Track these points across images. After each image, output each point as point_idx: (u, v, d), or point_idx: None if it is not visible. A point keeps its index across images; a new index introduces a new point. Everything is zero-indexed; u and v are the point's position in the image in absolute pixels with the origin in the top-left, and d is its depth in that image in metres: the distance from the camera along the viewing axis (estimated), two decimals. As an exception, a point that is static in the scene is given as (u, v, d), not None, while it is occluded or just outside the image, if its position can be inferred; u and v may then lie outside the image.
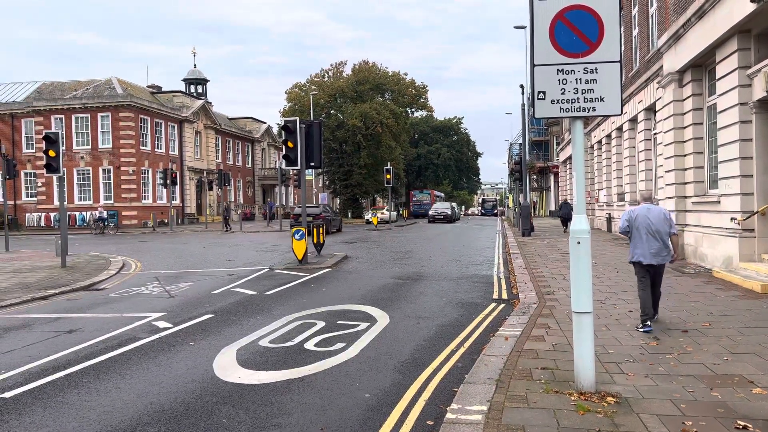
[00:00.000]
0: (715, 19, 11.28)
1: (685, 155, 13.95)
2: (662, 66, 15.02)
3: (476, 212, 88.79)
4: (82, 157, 42.04)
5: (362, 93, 53.24)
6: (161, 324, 8.55)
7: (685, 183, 14.01)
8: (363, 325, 8.10)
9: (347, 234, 30.56)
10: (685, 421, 4.27)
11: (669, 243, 7.36)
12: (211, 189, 47.14)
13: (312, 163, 16.29)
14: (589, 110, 5.03)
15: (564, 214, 28.35)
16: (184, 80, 58.09)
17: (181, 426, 4.73)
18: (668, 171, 14.77)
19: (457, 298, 10.31)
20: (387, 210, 45.24)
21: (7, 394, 5.57)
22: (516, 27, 31.55)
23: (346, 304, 9.86)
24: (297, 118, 16.16)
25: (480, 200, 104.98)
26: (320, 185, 61.53)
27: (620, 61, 5.02)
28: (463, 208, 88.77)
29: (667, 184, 15.00)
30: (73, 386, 5.79)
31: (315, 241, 17.45)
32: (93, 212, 39.18)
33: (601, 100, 5.00)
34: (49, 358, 6.83)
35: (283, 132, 16.04)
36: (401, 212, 60.39)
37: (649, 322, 7.13)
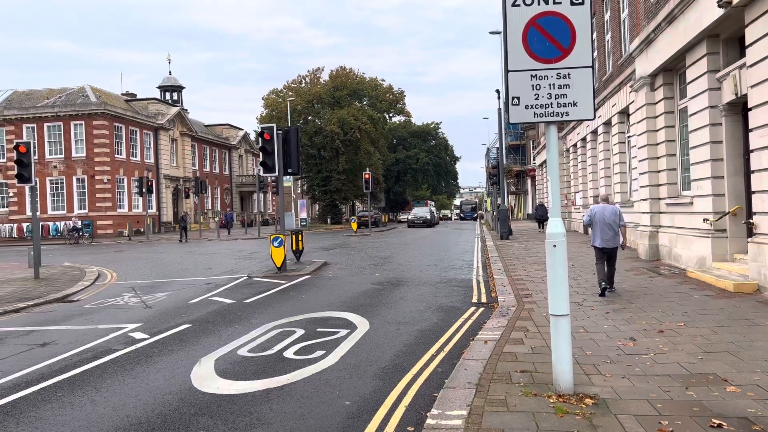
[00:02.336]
0: (685, 24, 11.52)
1: (658, 158, 14.19)
2: (634, 70, 15.28)
3: (449, 216, 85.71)
4: (55, 167, 41.31)
5: (340, 99, 53.28)
6: (138, 335, 8.42)
7: (659, 185, 14.25)
8: (343, 332, 8.07)
9: (326, 240, 30.49)
10: (662, 421, 4.33)
11: (619, 232, 9.92)
12: (188, 197, 46.70)
13: (290, 170, 16.23)
14: (562, 115, 5.09)
15: (539, 215, 30.28)
16: (160, 87, 57.46)
17: (158, 439, 4.65)
18: (642, 173, 15.01)
19: (437, 303, 10.33)
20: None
21: (-22, 411, 5.43)
22: (491, 32, 31.95)
23: (325, 311, 9.82)
24: (274, 125, 16.09)
25: (458, 202, 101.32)
26: (299, 191, 61.30)
27: (593, 67, 5.09)
28: (440, 212, 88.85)
29: (641, 186, 15.23)
30: (47, 401, 5.66)
31: (294, 247, 17.36)
32: (67, 222, 38.50)
33: (575, 105, 5.07)
34: (21, 372, 6.67)
35: (260, 139, 15.95)
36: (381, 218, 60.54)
37: (604, 285, 9.75)
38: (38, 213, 17.23)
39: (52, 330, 9.21)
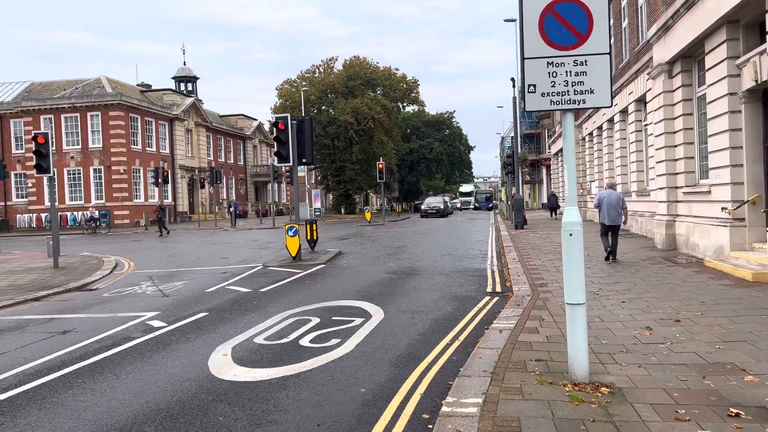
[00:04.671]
0: (703, 10, 11.33)
1: (675, 146, 14.02)
2: (652, 57, 15.08)
3: (458, 205, 78.74)
4: (72, 157, 41.78)
5: (353, 88, 53.12)
6: (155, 323, 8.54)
7: (676, 173, 14.09)
8: (358, 321, 8.11)
9: (341, 230, 30.57)
10: (678, 410, 4.31)
11: (622, 213, 12.52)
12: (203, 187, 46.97)
13: (304, 160, 16.24)
14: (579, 103, 5.05)
15: (552, 204, 30.98)
16: (174, 78, 57.75)
17: (177, 424, 4.73)
18: (659, 162, 14.85)
19: (451, 292, 10.34)
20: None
21: (2, 396, 5.55)
22: (506, 20, 31.62)
23: (340, 300, 9.87)
24: (288, 115, 16.09)
25: (464, 189, 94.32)
26: (312, 181, 61.45)
27: (610, 53, 5.04)
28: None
29: (658, 175, 15.07)
30: (68, 387, 5.77)
31: (308, 237, 17.44)
32: (84, 212, 38.98)
33: (591, 92, 5.02)
34: (43, 359, 6.80)
35: (274, 129, 15.99)
36: (394, 208, 60.71)
37: (608, 257, 12.57)
38: (56, 203, 17.44)
39: (72, 318, 9.36)
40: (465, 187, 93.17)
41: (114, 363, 6.55)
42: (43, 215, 41.39)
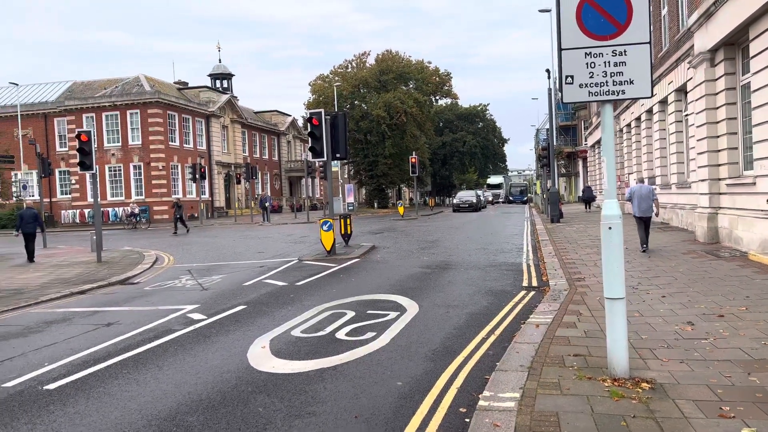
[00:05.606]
0: (748, -5, 10.95)
1: (718, 136, 13.63)
2: (693, 45, 14.66)
3: (488, 198, 73.95)
4: (113, 154, 42.86)
5: (386, 82, 53.00)
6: (195, 316, 8.73)
7: (719, 165, 13.70)
8: (393, 314, 8.15)
9: (374, 224, 30.66)
10: (723, 406, 4.22)
11: (653, 205, 12.87)
12: (239, 183, 47.64)
13: (338, 155, 16.34)
14: (618, 93, 4.95)
15: (586, 197, 30.95)
16: (210, 75, 58.68)
17: (218, 415, 4.84)
18: (701, 153, 14.45)
19: (486, 287, 10.29)
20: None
21: (52, 386, 5.77)
22: (541, 10, 31.18)
23: (375, 293, 9.92)
24: (322, 110, 16.21)
25: (493, 180, 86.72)
26: (345, 176, 61.70)
27: (650, 43, 4.93)
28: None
29: (699, 167, 14.67)
30: (114, 377, 5.96)
31: (342, 231, 17.55)
32: (125, 208, 40.01)
33: (631, 82, 4.92)
34: (89, 350, 7.03)
35: (308, 124, 16.11)
36: (427, 202, 60.59)
37: (644, 247, 12.92)
38: (99, 199, 17.95)
39: (115, 311, 9.64)
40: (493, 179, 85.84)
41: (156, 355, 6.73)
42: (86, 211, 42.64)
